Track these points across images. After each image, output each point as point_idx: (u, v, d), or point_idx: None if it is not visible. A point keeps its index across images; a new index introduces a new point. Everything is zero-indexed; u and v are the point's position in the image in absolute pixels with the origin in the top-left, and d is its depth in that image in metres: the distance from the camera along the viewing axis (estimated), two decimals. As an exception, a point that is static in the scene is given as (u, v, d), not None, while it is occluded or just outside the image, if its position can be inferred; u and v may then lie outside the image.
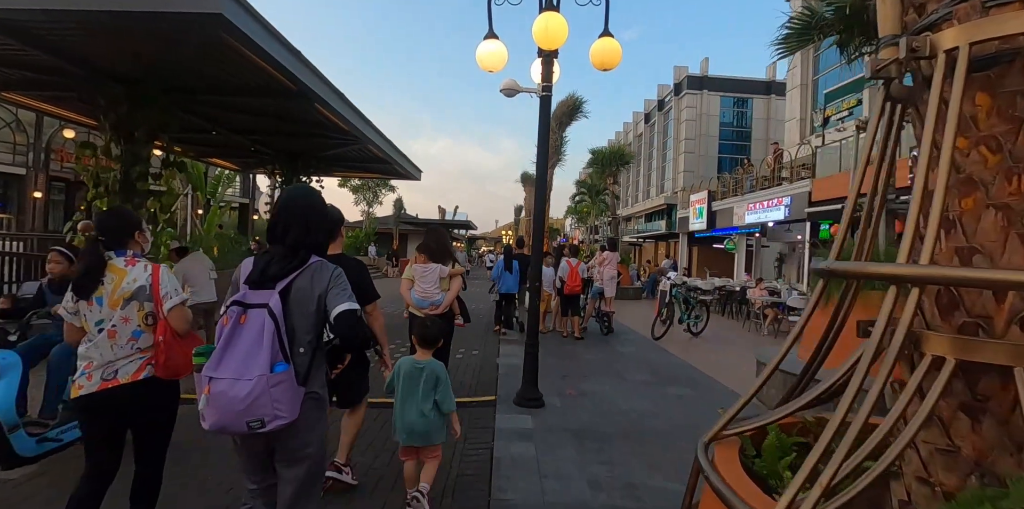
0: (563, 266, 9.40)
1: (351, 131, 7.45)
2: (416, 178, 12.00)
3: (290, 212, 2.02)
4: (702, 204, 21.67)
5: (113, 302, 2.30)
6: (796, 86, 23.66)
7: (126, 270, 2.34)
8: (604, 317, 9.91)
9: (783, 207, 16.07)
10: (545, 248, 14.06)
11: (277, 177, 10.19)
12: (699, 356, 8.36)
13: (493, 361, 7.29)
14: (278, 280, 1.90)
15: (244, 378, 1.75)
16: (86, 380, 2.25)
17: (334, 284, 1.96)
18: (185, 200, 13.52)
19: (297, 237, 1.97)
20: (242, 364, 1.77)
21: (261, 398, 1.74)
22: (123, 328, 2.30)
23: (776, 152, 17.36)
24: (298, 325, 1.91)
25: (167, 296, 2.35)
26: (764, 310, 11.24)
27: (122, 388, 2.26)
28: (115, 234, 2.42)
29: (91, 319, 2.29)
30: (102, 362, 2.27)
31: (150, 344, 2.34)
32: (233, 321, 1.84)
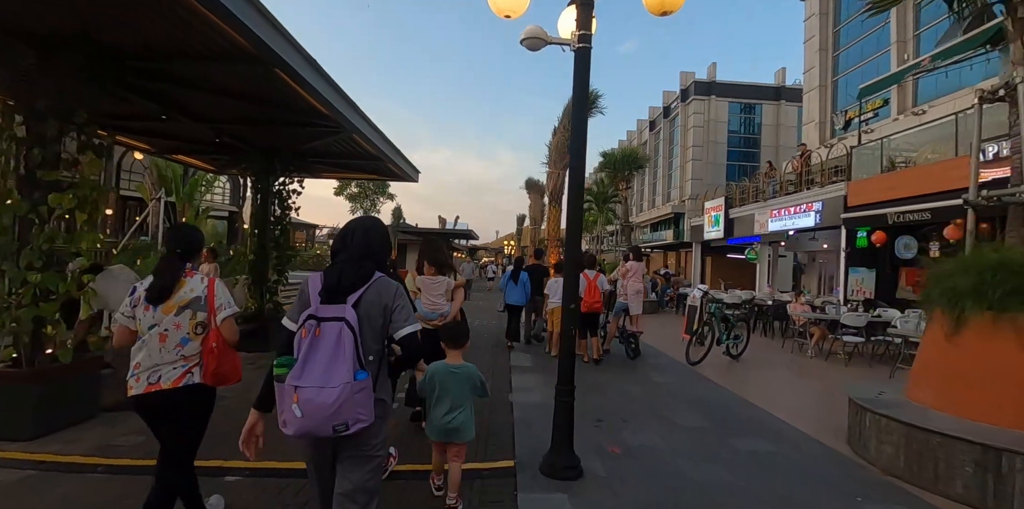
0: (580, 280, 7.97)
1: (331, 116, 6.04)
2: (413, 179, 10.59)
3: (356, 229, 2.21)
4: (718, 211, 20.27)
5: (168, 308, 2.47)
6: (814, 88, 22.40)
7: (185, 281, 2.53)
8: (630, 338, 8.44)
9: (813, 213, 14.66)
10: (553, 259, 12.66)
11: (250, 178, 8.76)
12: (753, 388, 6.87)
13: (505, 397, 5.81)
14: (348, 294, 2.03)
15: (329, 386, 1.87)
16: (135, 381, 2.47)
17: (399, 303, 2.10)
18: (157, 205, 12.15)
19: (361, 249, 2.16)
20: (325, 373, 1.89)
21: (346, 404, 1.87)
22: (174, 334, 2.47)
23: (804, 154, 15.98)
24: (367, 337, 2.02)
25: (221, 307, 2.55)
26: (809, 328, 9.76)
27: (163, 393, 2.44)
28: (193, 249, 2.65)
29: (144, 322, 2.47)
30: (149, 364, 2.45)
31: (194, 352, 2.50)
32: (311, 334, 1.95)
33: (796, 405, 6.06)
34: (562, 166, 11.72)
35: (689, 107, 34.72)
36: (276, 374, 1.96)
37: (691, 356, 8.19)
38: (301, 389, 1.87)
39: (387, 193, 31.45)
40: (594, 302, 7.68)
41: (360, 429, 1.93)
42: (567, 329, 3.75)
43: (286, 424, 1.91)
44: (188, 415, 2.53)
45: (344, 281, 2.05)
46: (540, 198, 22.08)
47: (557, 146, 11.71)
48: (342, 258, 2.14)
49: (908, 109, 17.62)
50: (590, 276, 7.78)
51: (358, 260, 2.12)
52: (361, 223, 2.27)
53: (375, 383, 2.02)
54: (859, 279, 13.42)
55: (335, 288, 2.03)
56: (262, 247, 8.54)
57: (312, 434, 1.91)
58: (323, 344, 1.93)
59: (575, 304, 3.74)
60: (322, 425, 1.87)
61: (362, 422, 1.92)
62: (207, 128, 7.08)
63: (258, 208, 8.56)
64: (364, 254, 2.15)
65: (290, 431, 1.91)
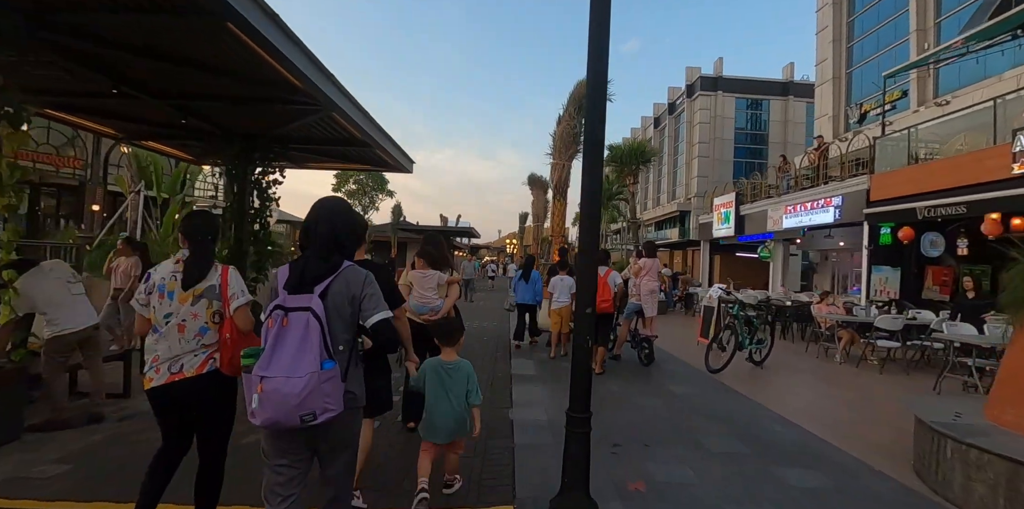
0: None
1: (306, 90, 5.22)
2: (407, 169, 9.77)
3: (319, 219, 2.11)
4: (729, 208, 19.39)
5: (183, 297, 2.43)
6: (827, 80, 21.55)
7: None
8: (644, 342, 7.61)
9: (832, 209, 13.78)
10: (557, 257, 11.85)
11: (226, 167, 7.93)
12: (786, 401, 6.03)
13: (504, 414, 4.99)
14: (315, 284, 1.98)
15: (295, 376, 1.82)
16: (155, 373, 2.39)
17: (368, 291, 2.06)
18: (137, 198, 11.37)
19: (328, 243, 2.07)
20: (292, 363, 1.84)
21: (313, 393, 1.82)
22: (192, 323, 2.42)
23: (820, 147, 15.10)
24: (336, 326, 1.98)
25: (234, 296, 2.49)
26: (837, 332, 8.91)
27: (188, 381, 2.37)
28: (216, 235, 2.70)
29: (160, 312, 2.41)
30: (169, 355, 2.38)
31: (214, 341, 2.45)
32: (277, 324, 1.91)
33: (840, 422, 5.22)
34: (568, 157, 10.90)
35: (695, 103, 33.85)
36: (244, 365, 1.95)
37: (711, 363, 7.36)
38: (267, 379, 1.83)
39: (386, 190, 30.64)
40: (603, 301, 6.86)
41: (329, 419, 1.88)
42: (582, 339, 2.92)
43: (253, 414, 1.87)
44: (213, 401, 2.47)
45: (308, 274, 2.00)
46: (543, 194, 21.19)
47: (562, 135, 10.87)
48: (308, 254, 2.08)
49: (929, 100, 16.76)
50: (600, 273, 6.96)
51: (325, 254, 2.06)
52: (324, 215, 2.14)
53: (345, 373, 1.98)
54: (883, 278, 12.56)
55: (300, 281, 1.99)
56: (239, 242, 7.73)
57: (280, 424, 1.86)
58: (290, 334, 1.89)
59: (591, 308, 2.91)
60: (289, 415, 1.82)
61: (330, 411, 1.88)
62: (169, 107, 6.26)
63: (234, 200, 7.75)
64: (330, 247, 2.08)
65: (257, 421, 1.87)
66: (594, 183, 3.03)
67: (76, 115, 6.86)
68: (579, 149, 11.10)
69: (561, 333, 8.18)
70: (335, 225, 2.12)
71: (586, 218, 3.08)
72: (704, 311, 9.70)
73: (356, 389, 2.09)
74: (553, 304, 8.16)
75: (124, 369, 5.41)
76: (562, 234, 11.33)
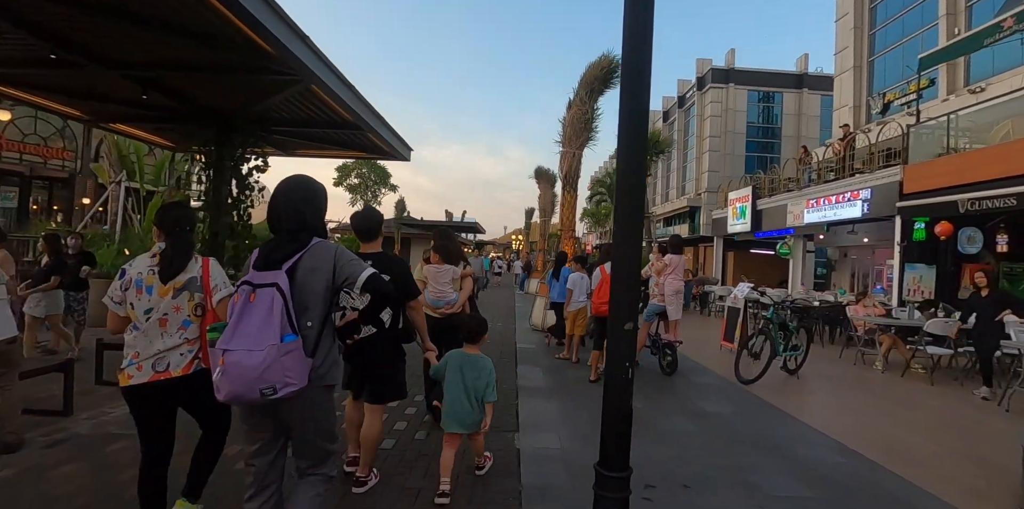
0: (596, 274, 6.31)
1: (276, 55, 4.39)
2: (405, 157, 8.92)
3: (285, 200, 2.06)
4: (744, 202, 18.43)
5: (163, 291, 2.34)
6: (848, 69, 20.49)
7: None
8: (666, 349, 6.74)
9: (860, 202, 12.83)
10: (567, 250, 10.99)
11: (200, 158, 7.07)
12: (841, 422, 5.15)
13: (508, 440, 4.14)
14: (282, 262, 1.95)
15: (256, 349, 1.78)
16: (136, 370, 2.28)
17: (343, 260, 2.02)
18: (117, 189, 10.57)
19: (293, 223, 2.03)
20: (254, 337, 1.80)
21: (273, 366, 1.78)
22: (174, 317, 2.34)
23: (846, 136, 14.12)
24: (306, 301, 1.94)
25: (216, 288, 2.42)
26: (878, 336, 8.02)
27: (174, 381, 2.29)
28: (192, 227, 2.57)
29: (139, 308, 2.32)
30: (150, 352, 2.29)
31: (197, 335, 2.37)
32: (243, 299, 1.89)
33: (910, 450, 4.34)
34: (578, 144, 10.01)
35: (706, 96, 32.77)
36: (209, 338, 1.95)
37: (742, 372, 6.49)
38: (228, 352, 1.80)
39: (389, 184, 29.77)
40: (603, 303, 6.01)
41: (291, 393, 1.82)
42: (619, 367, 2.07)
43: (217, 389, 1.84)
44: (205, 399, 2.23)
45: (275, 254, 1.97)
46: (550, 188, 20.29)
47: (572, 121, 9.99)
48: (277, 237, 2.03)
49: (960, 88, 15.72)
50: (607, 270, 6.11)
51: (292, 234, 2.02)
52: (286, 194, 2.08)
53: (313, 349, 1.94)
54: (916, 277, 11.61)
55: (267, 261, 1.97)
56: (214, 236, 6.92)
57: (241, 398, 1.82)
58: (257, 310, 1.85)
59: (632, 323, 2.06)
60: (249, 389, 1.78)
61: (291, 386, 1.82)
62: (125, 79, 5.43)
63: (210, 188, 6.93)
64: (294, 227, 2.03)
65: (220, 396, 1.84)
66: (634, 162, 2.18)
67: (25, 91, 6.04)
68: (591, 136, 10.23)
69: (574, 337, 7.36)
70: (302, 212, 2.06)
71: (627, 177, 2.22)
72: (728, 312, 8.82)
73: (327, 366, 2.01)
74: (572, 304, 7.31)
75: (64, 382, 4.60)
76: (571, 228, 10.44)
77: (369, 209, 3.46)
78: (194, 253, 2.47)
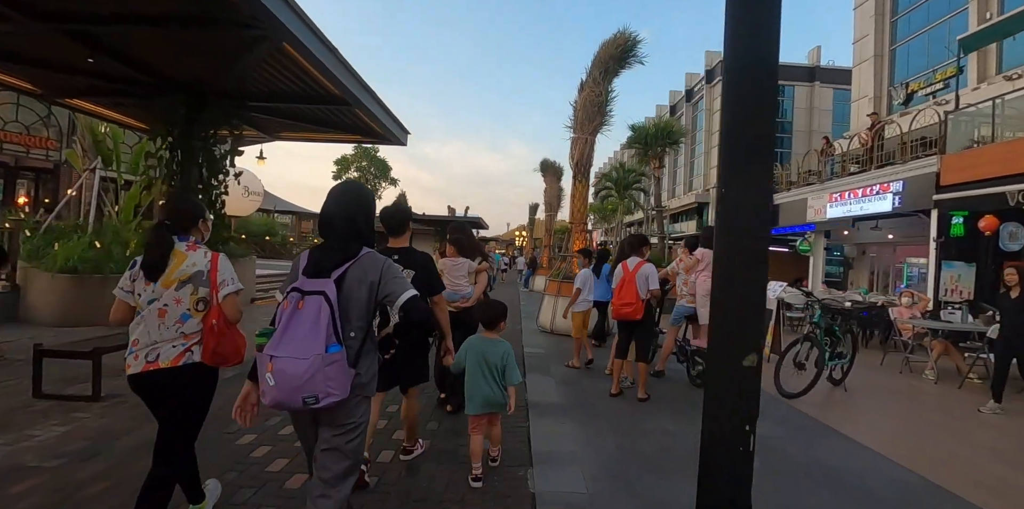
0: (616, 271, 5.42)
1: (237, 1, 3.53)
2: (401, 141, 8.06)
3: (337, 207, 2.05)
4: (760, 196, 17.49)
5: (167, 282, 2.30)
6: (868, 58, 19.52)
7: (187, 254, 2.34)
8: (695, 357, 5.86)
9: (890, 195, 11.91)
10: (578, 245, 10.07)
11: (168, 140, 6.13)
12: (913, 446, 4.25)
13: (519, 478, 3.27)
14: (332, 270, 1.94)
15: (301, 357, 1.78)
16: (133, 359, 2.28)
17: (389, 275, 2.01)
18: (92, 177, 9.70)
19: (346, 231, 2.02)
20: (300, 345, 1.80)
21: (316, 376, 1.78)
22: (174, 309, 2.30)
23: (874, 125, 13.18)
24: (351, 312, 1.94)
25: (223, 283, 2.36)
26: (929, 342, 7.13)
27: (162, 372, 2.26)
28: (183, 220, 2.43)
29: (144, 297, 2.30)
30: (148, 342, 2.27)
31: (194, 330, 2.32)
32: (292, 305, 1.88)
33: (1018, 489, 3.47)
34: (591, 129, 9.10)
35: (715, 89, 31.80)
36: (257, 343, 1.93)
37: (783, 384, 5.61)
38: (276, 359, 1.79)
39: (390, 178, 28.89)
40: (625, 306, 5.12)
41: (332, 403, 1.82)
42: (739, 430, 1.20)
43: (263, 394, 1.85)
44: (188, 395, 2.33)
45: (324, 262, 1.96)
46: (556, 181, 19.35)
47: (584, 104, 9.07)
48: (328, 243, 2.03)
49: (992, 75, 14.77)
50: (630, 266, 5.23)
51: (343, 243, 2.01)
52: (339, 202, 2.06)
53: (355, 359, 1.93)
54: (954, 276, 10.69)
55: (317, 268, 1.95)
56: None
57: (285, 405, 1.82)
58: (305, 317, 1.84)
59: (756, 356, 1.19)
60: (292, 396, 1.78)
61: (333, 396, 1.81)
62: (67, 36, 4.55)
63: (175, 170, 6.08)
64: (347, 236, 2.02)
65: (266, 401, 1.84)
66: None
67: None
68: (604, 121, 9.30)
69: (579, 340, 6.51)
70: (351, 213, 2.05)
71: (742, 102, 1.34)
72: (758, 314, 7.94)
73: (368, 377, 2.01)
74: (578, 304, 6.46)
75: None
76: (583, 221, 9.54)
77: (398, 205, 3.49)
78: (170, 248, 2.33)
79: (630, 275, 5.17)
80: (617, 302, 5.17)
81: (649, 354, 5.41)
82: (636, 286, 5.10)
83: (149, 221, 5.81)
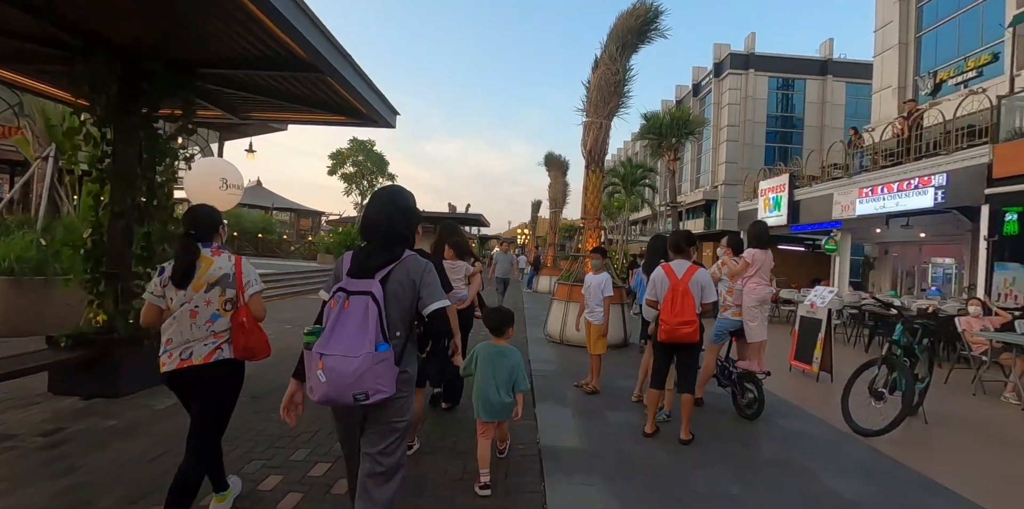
0: (656, 275, 4.25)
1: None
2: (389, 123, 6.90)
3: (380, 211, 2.11)
4: (780, 192, 16.33)
5: (197, 285, 2.47)
6: (892, 46, 18.32)
7: (212, 259, 2.52)
8: (746, 383, 4.71)
9: (932, 189, 10.75)
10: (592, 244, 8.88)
11: (97, 112, 4.97)
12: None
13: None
14: (377, 271, 1.98)
15: (351, 355, 1.83)
16: (167, 358, 2.46)
17: (427, 280, 2.06)
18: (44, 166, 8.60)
19: (390, 234, 2.08)
20: (350, 343, 1.85)
21: (367, 373, 1.84)
22: (204, 310, 2.48)
23: (912, 113, 12.01)
24: (394, 312, 1.99)
25: (248, 284, 2.57)
26: (1005, 359, 6.00)
27: (195, 368, 2.43)
28: (206, 228, 2.59)
29: (176, 301, 2.47)
30: (180, 340, 2.44)
31: (223, 328, 2.50)
32: (339, 305, 1.92)
33: None
34: (607, 112, 7.96)
35: (724, 83, 30.62)
36: (305, 342, 1.95)
37: (859, 419, 4.48)
38: (326, 357, 1.85)
39: (387, 173, 27.71)
40: (684, 325, 3.94)
41: (381, 400, 1.89)
42: None
43: (312, 390, 1.89)
44: (219, 389, 2.52)
45: (369, 264, 2.00)
46: (562, 176, 18.14)
47: (599, 84, 7.93)
48: (372, 245, 2.08)
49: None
50: (677, 272, 4.08)
51: (388, 245, 2.06)
52: (385, 207, 2.13)
53: (400, 357, 1.98)
54: (1008, 279, 9.55)
55: (362, 269, 1.99)
56: (117, 217, 4.97)
57: (334, 401, 1.87)
58: (351, 316, 1.89)
59: None
60: (343, 393, 1.83)
61: (382, 393, 1.88)
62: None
63: (104, 152, 4.98)
64: (392, 239, 2.08)
65: (315, 397, 1.88)
66: None
67: None
68: (622, 102, 8.15)
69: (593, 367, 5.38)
70: (395, 223, 2.10)
71: None
72: (803, 324, 6.80)
73: (411, 374, 2.08)
74: (590, 314, 5.34)
75: None
76: (596, 216, 8.40)
77: None
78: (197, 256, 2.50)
79: (681, 283, 4.01)
80: (672, 319, 3.94)
81: (694, 383, 4.25)
82: (693, 298, 3.95)
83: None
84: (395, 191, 2.21)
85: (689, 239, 4.34)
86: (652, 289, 4.25)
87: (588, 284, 5.36)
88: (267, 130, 18.11)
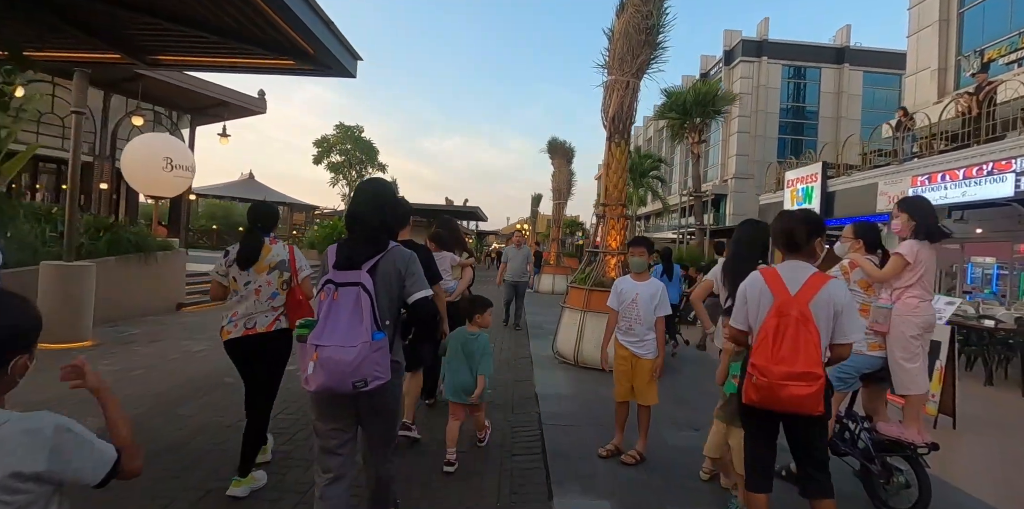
0: (750, 287, 2.46)
1: None
2: (346, 69, 4.94)
3: (367, 203, 2.14)
4: (811, 183, 14.49)
5: (260, 268, 2.96)
6: (931, 23, 16.47)
7: (271, 247, 3.01)
8: (892, 469, 2.88)
9: (1010, 175, 8.96)
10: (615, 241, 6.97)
11: None
12: None
13: None
14: (363, 263, 2.02)
15: (349, 345, 1.88)
16: (233, 327, 2.90)
17: (412, 269, 2.11)
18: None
19: (374, 226, 2.10)
20: (345, 333, 1.90)
21: (365, 361, 1.88)
22: (266, 289, 2.95)
23: (984, 87, 10.20)
24: (383, 302, 2.03)
25: (301, 269, 3.09)
26: None
27: (258, 335, 2.89)
28: (269, 222, 3.11)
29: (240, 280, 2.94)
30: (245, 313, 2.90)
31: (280, 303, 2.97)
32: (329, 297, 1.98)
33: None
34: (635, 69, 6.12)
35: (734, 71, 28.74)
36: (298, 334, 2.01)
37: None
38: (322, 348, 1.89)
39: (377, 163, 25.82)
40: (795, 379, 2.02)
41: (377, 385, 1.94)
42: None
43: (308, 381, 1.93)
44: (276, 353, 2.96)
45: (356, 257, 2.03)
46: (567, 164, 16.27)
47: (625, 31, 6.10)
48: (358, 237, 2.10)
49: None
50: (790, 284, 2.18)
51: (372, 237, 2.09)
52: (368, 199, 2.16)
53: (391, 344, 2.03)
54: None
55: (348, 262, 2.02)
56: None
57: (333, 390, 1.91)
58: (342, 307, 1.94)
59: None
60: (343, 381, 1.88)
61: (379, 379, 1.93)
62: None
63: None
64: (376, 230, 2.11)
65: (312, 387, 1.92)
66: None
67: None
68: (654, 56, 6.29)
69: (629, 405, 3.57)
70: (380, 210, 2.13)
71: None
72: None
73: (400, 359, 2.15)
74: (635, 343, 3.47)
75: None
76: (620, 200, 6.56)
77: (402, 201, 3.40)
78: (263, 244, 2.97)
79: (796, 305, 2.12)
80: (774, 368, 2.05)
81: (826, 467, 2.41)
82: (818, 333, 2.12)
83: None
84: (379, 183, 2.29)
85: (814, 226, 2.45)
86: (741, 311, 2.38)
87: (625, 293, 3.50)
88: (244, 113, 16.24)
